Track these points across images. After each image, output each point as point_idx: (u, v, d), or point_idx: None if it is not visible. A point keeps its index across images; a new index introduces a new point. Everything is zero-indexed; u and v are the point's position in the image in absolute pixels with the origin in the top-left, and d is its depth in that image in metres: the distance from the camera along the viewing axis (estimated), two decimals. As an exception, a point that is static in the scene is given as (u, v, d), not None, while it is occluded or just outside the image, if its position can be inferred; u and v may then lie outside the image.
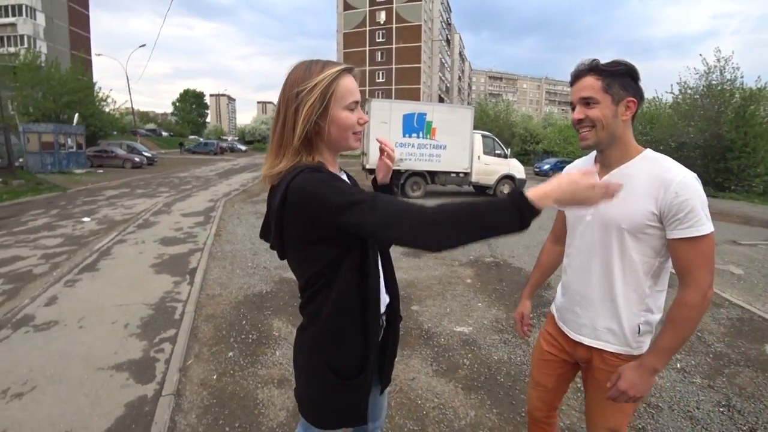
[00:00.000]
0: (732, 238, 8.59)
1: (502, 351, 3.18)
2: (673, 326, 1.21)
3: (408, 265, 5.40)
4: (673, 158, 1.33)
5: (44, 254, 5.59)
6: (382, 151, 1.34)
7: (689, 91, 21.82)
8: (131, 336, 3.24)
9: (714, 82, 20.71)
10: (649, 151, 1.30)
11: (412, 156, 12.27)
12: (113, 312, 3.69)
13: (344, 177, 1.16)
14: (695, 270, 1.19)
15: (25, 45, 35.09)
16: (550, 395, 1.60)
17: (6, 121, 16.28)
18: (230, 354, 2.96)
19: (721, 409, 2.64)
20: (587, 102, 1.25)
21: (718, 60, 20.71)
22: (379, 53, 54.88)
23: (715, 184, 20.10)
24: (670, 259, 1.27)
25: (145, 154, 24.55)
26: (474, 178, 12.89)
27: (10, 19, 37.29)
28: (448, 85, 67.29)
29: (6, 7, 37.23)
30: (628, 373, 1.24)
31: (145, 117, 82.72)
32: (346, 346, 1.07)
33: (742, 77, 20.37)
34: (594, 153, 1.41)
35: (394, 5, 53.46)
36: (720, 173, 20.09)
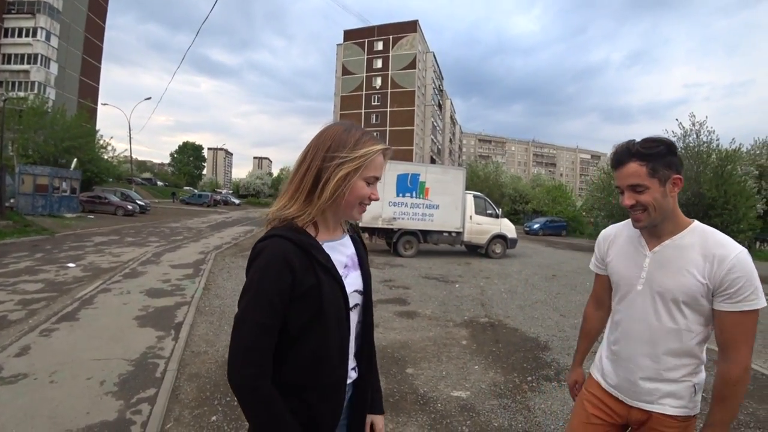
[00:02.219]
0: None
1: (502, 417, 3.01)
2: (723, 403, 1.23)
3: (401, 325, 5.25)
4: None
5: (22, 300, 5.36)
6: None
7: (669, 153, 22.96)
8: (107, 394, 3.02)
9: (691, 144, 21.95)
10: (697, 223, 1.32)
11: (405, 215, 12.40)
12: (90, 366, 3.46)
13: (347, 244, 1.16)
14: (739, 345, 1.21)
15: (35, 91, 36.17)
16: None
17: (4, 161, 16.34)
18: (213, 418, 2.76)
19: None
20: (635, 189, 1.27)
21: (693, 124, 22.09)
22: (374, 115, 57.38)
23: (701, 242, 20.62)
24: None
25: (138, 202, 24.60)
26: (466, 238, 12.97)
27: (24, 66, 38.73)
28: (439, 147, 69.76)
29: (23, 55, 38.80)
30: None
31: (143, 166, 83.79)
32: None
33: (717, 139, 21.68)
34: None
35: (390, 72, 56.82)
36: (705, 230, 20.62)
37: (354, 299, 1.10)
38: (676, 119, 22.78)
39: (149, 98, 34.78)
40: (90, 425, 2.61)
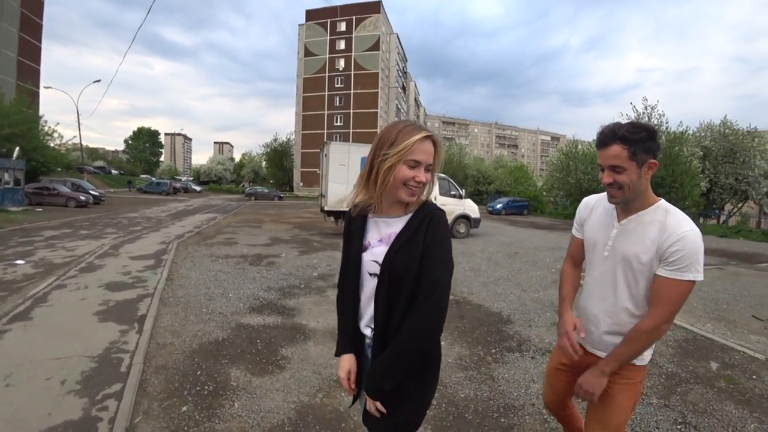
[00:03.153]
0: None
1: (468, 388, 3.18)
2: (629, 343, 1.47)
3: None
4: (611, 194, 1.52)
5: (-32, 302, 5.04)
6: None
7: (623, 135, 24.43)
8: (69, 393, 2.94)
9: None
10: (663, 202, 1.50)
11: None
12: (48, 366, 3.34)
13: (394, 224, 1.31)
14: (661, 304, 1.42)
15: (-35, 75, 33.04)
16: (561, 396, 1.89)
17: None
18: (184, 408, 2.75)
19: (679, 427, 2.78)
20: (615, 168, 1.42)
21: (646, 107, 23.46)
22: (338, 98, 56.41)
23: (650, 219, 22.39)
24: None
25: (92, 192, 23.36)
26: None
27: (-49, 48, 35.15)
28: (405, 129, 69.60)
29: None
30: (587, 376, 1.54)
31: (95, 154, 79.18)
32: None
33: (667, 122, 23.10)
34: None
35: (353, 54, 55.82)
36: (654, 207, 22.15)
37: (371, 268, 1.30)
38: (630, 103, 24.13)
39: (98, 81, 32.62)
40: (53, 426, 2.54)
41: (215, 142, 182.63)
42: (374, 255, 1.28)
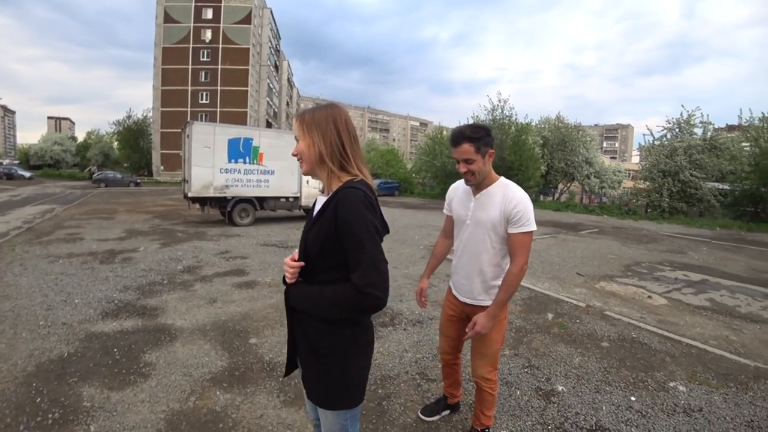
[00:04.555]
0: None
1: (347, 369, 3.31)
2: (504, 287, 1.95)
3: (241, 297, 5.16)
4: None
5: None
6: None
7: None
8: None
9: (498, 117, 26.82)
10: (502, 179, 2.05)
11: (239, 182, 11.87)
12: None
13: (321, 202, 1.43)
14: (517, 252, 1.94)
15: None
16: (455, 342, 2.37)
17: None
18: (19, 443, 2.32)
19: (526, 369, 3.40)
20: (467, 161, 1.93)
21: (500, 100, 27.07)
22: (203, 73, 51.23)
23: (502, 196, 26.71)
24: None
25: None
26: (304, 202, 13.10)
27: None
28: (276, 110, 66.77)
29: None
30: (480, 319, 1.95)
31: None
32: None
33: (516, 115, 26.99)
34: None
35: (222, 25, 51.07)
36: (505, 188, 26.16)
37: None
38: (488, 95, 27.34)
39: None
40: None
41: (50, 117, 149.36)
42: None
